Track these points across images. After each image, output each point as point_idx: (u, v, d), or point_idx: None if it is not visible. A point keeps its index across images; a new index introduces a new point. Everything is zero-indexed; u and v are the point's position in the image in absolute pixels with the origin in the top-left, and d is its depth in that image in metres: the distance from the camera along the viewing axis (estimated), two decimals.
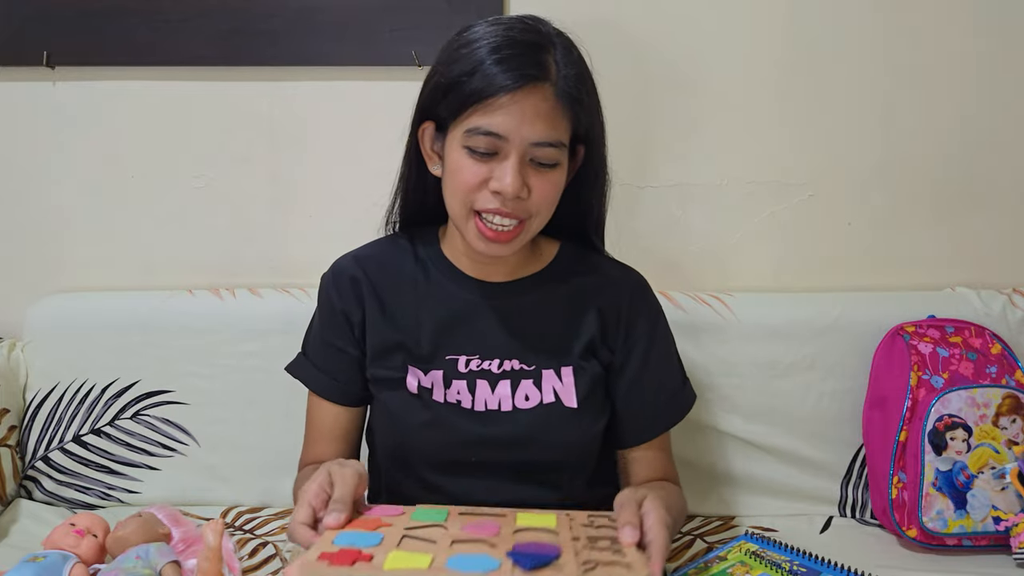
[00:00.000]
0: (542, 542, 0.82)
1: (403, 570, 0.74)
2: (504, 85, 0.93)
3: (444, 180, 1.01)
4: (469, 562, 0.76)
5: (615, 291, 1.10)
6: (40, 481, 1.44)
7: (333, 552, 0.77)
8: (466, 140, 0.96)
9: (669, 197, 1.53)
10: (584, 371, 1.06)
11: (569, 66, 0.97)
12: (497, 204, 0.96)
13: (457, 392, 1.05)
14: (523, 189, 0.95)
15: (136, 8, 1.44)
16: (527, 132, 0.94)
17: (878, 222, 1.54)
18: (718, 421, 1.43)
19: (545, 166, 0.97)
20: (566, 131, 0.98)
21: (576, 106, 0.97)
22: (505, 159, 0.95)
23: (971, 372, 1.35)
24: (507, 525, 0.87)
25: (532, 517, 0.90)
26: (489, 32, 0.97)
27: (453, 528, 0.86)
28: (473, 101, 0.94)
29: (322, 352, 1.12)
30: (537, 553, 0.78)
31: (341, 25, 1.45)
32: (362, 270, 1.10)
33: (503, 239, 0.98)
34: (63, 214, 1.52)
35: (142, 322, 1.44)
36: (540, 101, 0.94)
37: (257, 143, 1.51)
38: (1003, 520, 1.28)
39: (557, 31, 0.99)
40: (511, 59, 0.94)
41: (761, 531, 1.35)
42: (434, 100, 1.00)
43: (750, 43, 1.49)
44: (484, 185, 0.96)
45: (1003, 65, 1.50)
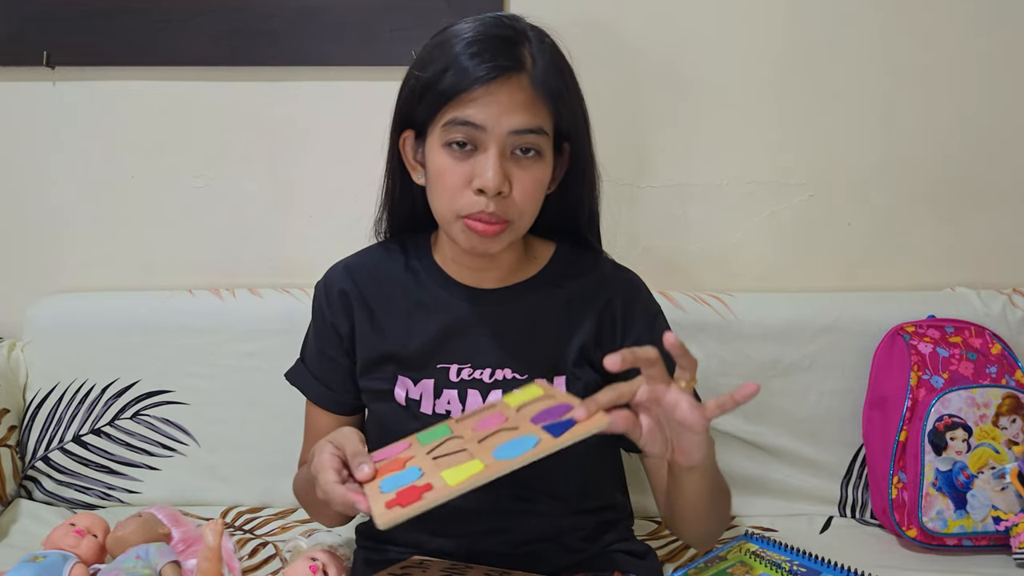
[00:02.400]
0: (552, 406, 0.86)
1: (466, 480, 0.77)
2: (478, 77, 0.92)
3: (428, 187, 1.00)
4: (512, 448, 0.79)
5: (609, 293, 1.08)
6: (40, 481, 1.44)
7: (392, 497, 0.78)
8: (444, 136, 0.95)
9: (669, 197, 1.53)
10: (577, 380, 1.05)
11: (545, 58, 0.96)
12: (481, 206, 0.94)
13: (447, 402, 1.04)
14: (504, 183, 0.94)
15: (136, 8, 1.44)
16: (505, 122, 0.93)
17: (878, 222, 1.54)
18: (718, 421, 1.41)
19: (527, 156, 0.95)
20: (547, 120, 0.96)
21: (556, 98, 0.96)
22: (484, 152, 0.94)
23: (971, 372, 1.35)
24: (507, 411, 0.89)
25: (520, 395, 0.92)
26: (462, 30, 0.96)
27: (466, 432, 0.87)
28: (448, 97, 0.93)
29: (317, 361, 1.12)
30: (559, 420, 0.81)
31: (341, 25, 1.45)
32: (352, 281, 1.09)
33: (491, 232, 0.96)
34: (63, 214, 1.52)
35: (142, 322, 1.44)
36: (517, 91, 0.93)
37: (257, 143, 1.51)
38: (1003, 520, 1.28)
39: (532, 26, 0.99)
40: (484, 52, 0.93)
41: (761, 531, 1.35)
42: (410, 105, 0.99)
43: (750, 43, 1.49)
44: (467, 186, 0.95)
45: (1003, 65, 1.50)
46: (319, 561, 1.13)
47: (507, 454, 0.78)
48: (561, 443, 0.78)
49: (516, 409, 0.89)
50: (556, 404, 0.86)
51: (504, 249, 1.02)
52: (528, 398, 0.90)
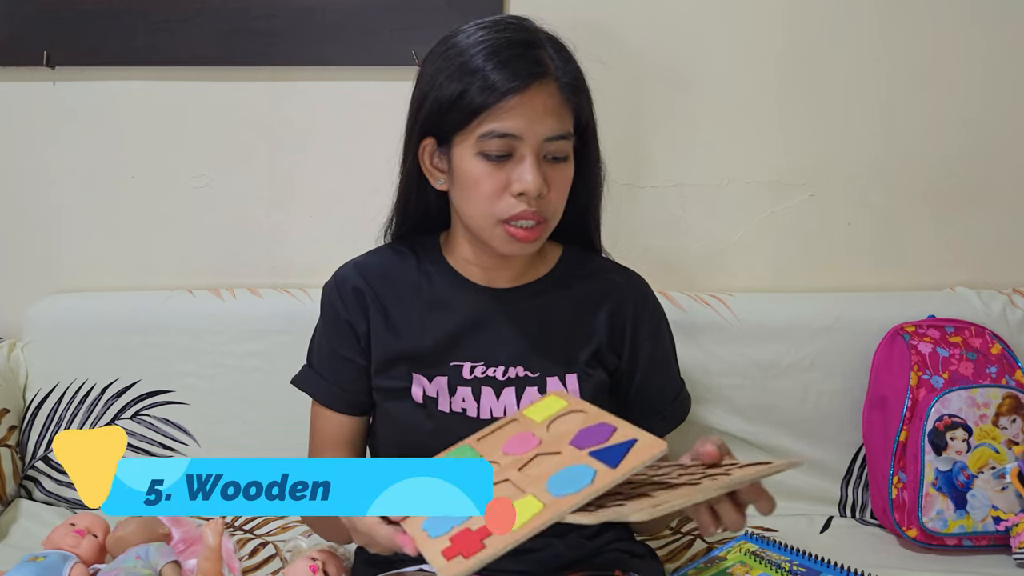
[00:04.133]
0: (590, 426, 0.82)
1: (529, 521, 0.72)
2: (512, 87, 0.93)
3: (456, 192, 1.00)
4: (567, 481, 0.75)
5: (619, 295, 1.09)
6: (40, 481, 1.44)
7: (447, 545, 0.73)
8: (479, 146, 0.95)
9: (669, 197, 1.53)
10: (589, 378, 1.06)
11: (564, 59, 0.98)
12: (523, 207, 0.96)
13: (462, 400, 1.04)
14: (544, 186, 0.96)
15: (136, 8, 1.44)
16: (540, 129, 0.95)
17: (878, 222, 1.54)
18: (718, 421, 1.43)
19: (559, 160, 0.98)
20: (572, 123, 0.99)
21: (578, 97, 0.99)
22: (522, 160, 0.95)
23: (971, 372, 1.35)
24: (535, 428, 0.86)
25: (542, 407, 0.90)
26: (478, 38, 0.96)
27: (498, 456, 0.83)
28: (481, 109, 0.94)
29: (329, 363, 1.11)
30: (608, 446, 0.78)
31: (341, 25, 1.45)
32: (364, 280, 1.09)
33: (531, 238, 0.98)
34: (63, 214, 1.52)
35: (142, 322, 1.44)
36: (547, 97, 0.95)
37: (257, 143, 1.51)
38: (1003, 520, 1.28)
39: (540, 28, 1.00)
40: (511, 60, 0.94)
41: (761, 531, 1.35)
42: (435, 116, 0.99)
43: (750, 43, 1.49)
44: (505, 191, 0.96)
45: (1003, 65, 1.50)
46: (319, 561, 1.13)
47: (564, 488, 0.73)
48: (620, 476, 0.74)
49: (545, 426, 0.86)
50: (594, 424, 0.83)
51: None
52: (553, 411, 0.88)
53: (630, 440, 0.78)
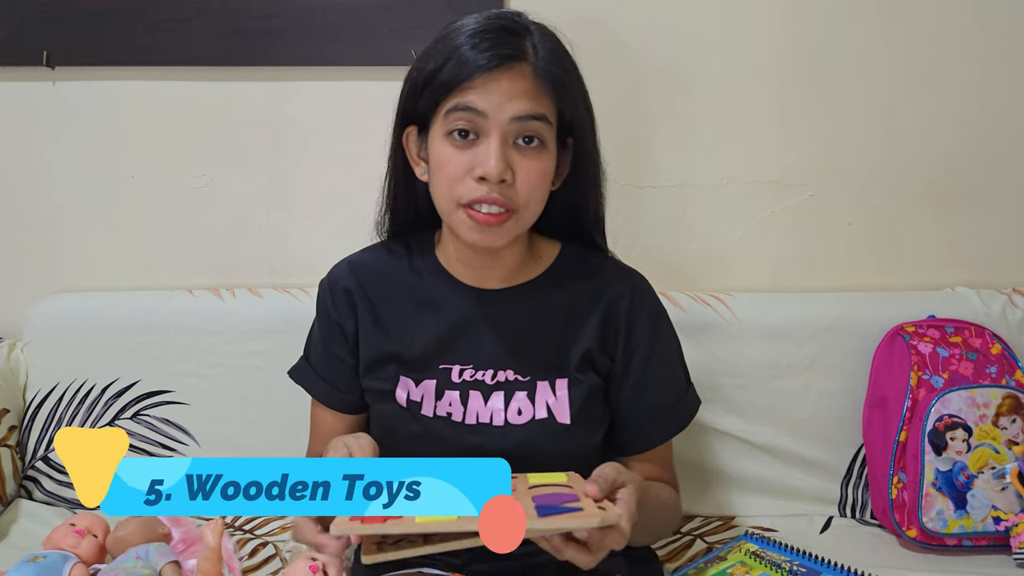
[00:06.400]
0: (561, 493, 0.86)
1: (433, 521, 0.77)
2: (480, 65, 0.92)
3: (431, 180, 0.99)
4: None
5: (614, 296, 1.06)
6: (40, 481, 1.44)
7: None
8: (446, 124, 0.95)
9: (669, 197, 1.53)
10: (580, 383, 1.04)
11: (547, 48, 0.96)
12: (483, 191, 0.93)
13: (449, 404, 1.03)
14: (507, 171, 0.93)
15: (136, 8, 1.44)
16: (508, 108, 0.93)
17: (878, 222, 1.54)
18: (718, 421, 1.43)
19: (530, 145, 0.95)
20: (550, 110, 0.96)
21: (558, 87, 0.96)
22: (486, 139, 0.94)
23: (971, 372, 1.35)
24: (516, 483, 0.88)
25: (543, 477, 0.92)
26: (464, 23, 0.96)
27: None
28: (451, 86, 0.93)
29: (323, 360, 1.11)
30: (558, 504, 0.82)
31: (340, 25, 1.45)
32: (356, 279, 1.08)
33: (493, 222, 0.95)
34: (63, 214, 1.52)
35: (142, 322, 1.44)
36: (519, 79, 0.93)
37: (257, 143, 1.51)
38: (1003, 520, 1.28)
39: (534, 21, 0.99)
40: (485, 41, 0.93)
41: (761, 531, 1.35)
42: (413, 99, 0.99)
43: (750, 43, 1.49)
44: (467, 175, 0.94)
45: (1003, 66, 1.50)
46: (319, 561, 1.13)
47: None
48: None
49: (527, 486, 0.88)
50: (569, 493, 0.85)
51: (508, 247, 1.02)
52: (550, 480, 0.90)
53: (576, 508, 0.82)
